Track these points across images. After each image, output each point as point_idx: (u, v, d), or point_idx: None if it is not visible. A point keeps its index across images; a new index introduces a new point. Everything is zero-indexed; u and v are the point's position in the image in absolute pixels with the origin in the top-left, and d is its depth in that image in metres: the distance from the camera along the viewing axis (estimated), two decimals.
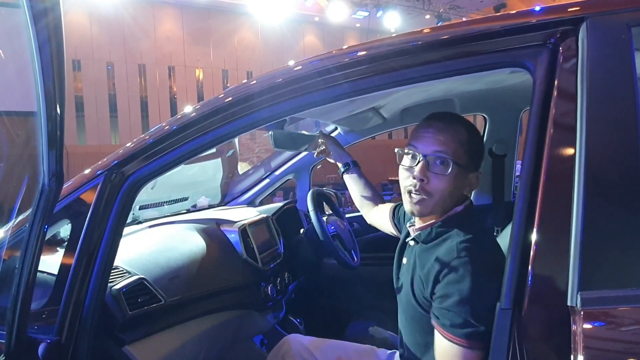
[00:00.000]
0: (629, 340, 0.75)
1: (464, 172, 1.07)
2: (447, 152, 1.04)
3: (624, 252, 0.76)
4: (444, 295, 0.98)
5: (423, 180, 1.05)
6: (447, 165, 1.03)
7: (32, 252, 0.90)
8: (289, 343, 1.47)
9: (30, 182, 0.98)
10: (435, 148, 1.04)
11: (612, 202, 0.78)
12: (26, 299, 0.93)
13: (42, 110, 0.78)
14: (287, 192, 7.92)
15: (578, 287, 0.74)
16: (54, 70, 0.76)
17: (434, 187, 1.05)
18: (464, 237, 1.02)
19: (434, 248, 1.07)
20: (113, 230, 1.11)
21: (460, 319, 0.95)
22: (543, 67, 0.87)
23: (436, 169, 1.04)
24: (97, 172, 1.14)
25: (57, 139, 0.81)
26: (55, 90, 0.77)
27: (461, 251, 0.99)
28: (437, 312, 1.00)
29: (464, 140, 1.05)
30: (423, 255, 1.09)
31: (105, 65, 13.89)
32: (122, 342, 1.20)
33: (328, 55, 1.06)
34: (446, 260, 1.00)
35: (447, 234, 1.06)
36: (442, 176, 1.04)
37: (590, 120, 0.79)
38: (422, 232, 1.11)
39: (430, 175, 1.05)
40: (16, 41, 0.95)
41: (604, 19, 0.84)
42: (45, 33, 0.73)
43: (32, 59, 0.76)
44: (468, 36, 0.93)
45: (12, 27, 0.97)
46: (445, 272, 0.99)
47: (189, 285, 1.44)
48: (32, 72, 0.78)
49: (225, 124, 1.07)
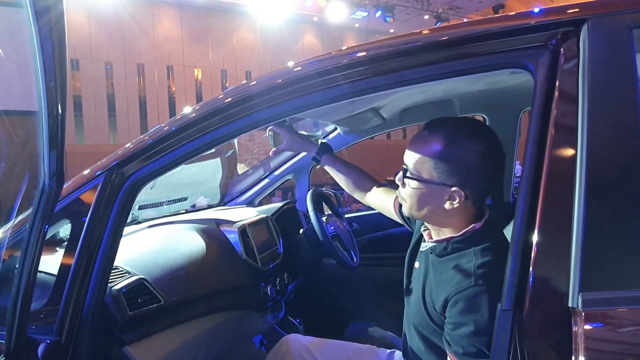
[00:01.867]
0: (629, 342, 0.75)
1: (432, 186, 1.03)
2: (408, 165, 1.06)
3: (625, 253, 0.76)
4: (459, 323, 0.96)
5: (399, 186, 1.12)
6: (409, 178, 1.06)
7: (32, 252, 0.90)
8: (288, 343, 1.47)
9: (30, 182, 0.98)
10: (404, 158, 1.08)
11: (613, 203, 0.78)
12: (26, 299, 0.93)
13: (44, 110, 0.78)
14: (285, 191, 7.92)
15: (579, 288, 0.74)
16: (55, 69, 0.75)
17: (402, 194, 1.10)
18: (483, 259, 0.98)
19: (450, 262, 1.04)
20: (113, 230, 1.11)
21: (474, 348, 0.93)
22: (544, 68, 0.87)
23: (404, 180, 1.08)
24: (97, 172, 1.14)
25: (58, 138, 0.81)
26: (57, 89, 0.77)
27: (479, 278, 0.95)
28: (449, 338, 0.98)
29: (432, 154, 1.02)
30: (438, 266, 1.07)
31: (104, 65, 13.87)
32: (122, 342, 1.20)
33: (328, 56, 1.06)
34: (462, 284, 0.97)
35: (464, 250, 1.03)
36: (407, 186, 1.08)
37: (592, 122, 0.79)
38: (438, 245, 1.08)
39: (403, 183, 1.09)
40: (16, 40, 0.95)
41: (606, 20, 0.84)
42: (47, 31, 0.73)
43: (33, 58, 0.76)
44: (469, 37, 0.93)
45: (12, 26, 0.97)
46: (459, 297, 0.96)
47: (188, 285, 1.44)
48: (32, 71, 0.78)
49: (226, 124, 1.07)
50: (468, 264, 0.99)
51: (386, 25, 14.55)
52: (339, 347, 1.44)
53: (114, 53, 13.89)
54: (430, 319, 1.06)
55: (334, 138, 2.25)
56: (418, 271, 1.16)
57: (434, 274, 1.07)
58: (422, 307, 1.08)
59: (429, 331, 1.08)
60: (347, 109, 1.73)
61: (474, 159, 1.00)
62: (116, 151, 1.17)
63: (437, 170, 1.01)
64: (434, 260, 1.09)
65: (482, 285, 0.94)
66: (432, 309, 1.05)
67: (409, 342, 1.19)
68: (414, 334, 1.14)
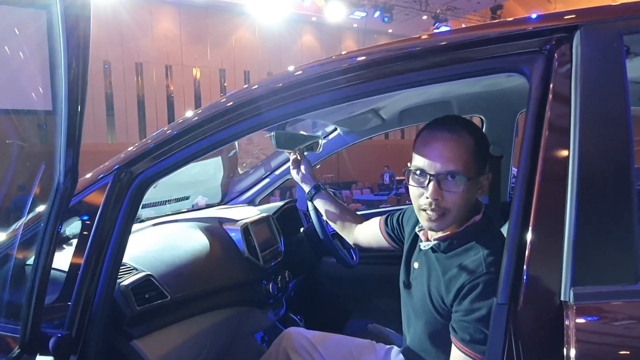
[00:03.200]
0: (618, 334, 0.79)
1: (476, 180, 1.06)
2: (458, 168, 1.02)
3: (614, 249, 0.79)
4: (470, 310, 0.98)
5: (437, 199, 1.04)
6: (460, 181, 1.03)
7: (46, 249, 0.93)
8: (290, 336, 1.49)
9: (42, 181, 1.01)
10: (445, 166, 1.03)
11: (603, 201, 0.81)
12: (40, 295, 0.95)
13: (64, 108, 0.79)
14: (284, 191, 7.93)
15: (571, 282, 0.77)
16: (79, 65, 0.77)
17: (450, 203, 1.04)
18: (490, 249, 1.02)
19: (457, 257, 1.07)
20: (122, 228, 1.14)
21: (481, 335, 0.96)
22: (539, 73, 0.90)
23: (449, 187, 1.03)
24: (106, 172, 1.17)
25: (76, 136, 0.83)
26: (79, 87, 0.78)
27: (490, 265, 0.99)
28: (457, 326, 1.01)
29: (471, 148, 1.04)
30: (445, 262, 1.09)
31: (102, 64, 13.86)
32: (130, 336, 1.23)
33: (331, 60, 1.10)
34: (473, 273, 1.00)
35: (469, 243, 1.06)
36: (457, 193, 1.03)
37: (584, 123, 0.83)
38: (442, 242, 1.10)
39: (444, 193, 1.04)
40: (30, 42, 0.97)
41: (597, 27, 0.88)
42: (73, 29, 0.74)
43: (52, 55, 0.77)
44: (467, 42, 0.97)
45: (26, 28, 0.99)
46: (472, 285, 0.99)
47: (193, 282, 1.48)
48: (50, 71, 0.80)
49: (233, 125, 1.10)
50: (477, 255, 1.03)
51: (384, 26, 14.60)
52: (340, 342, 1.47)
53: (113, 52, 13.87)
54: (438, 315, 1.08)
55: (334, 138, 2.28)
56: (419, 271, 1.18)
57: (441, 270, 1.09)
58: (430, 304, 1.10)
59: (436, 328, 1.10)
60: (347, 110, 1.76)
61: (487, 143, 1.10)
62: (125, 150, 1.20)
63: (476, 162, 1.06)
64: (439, 257, 1.11)
65: (493, 273, 0.98)
66: (439, 304, 1.07)
67: (410, 340, 1.21)
68: (417, 334, 1.17)
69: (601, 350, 0.78)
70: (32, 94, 1.04)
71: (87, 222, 1.16)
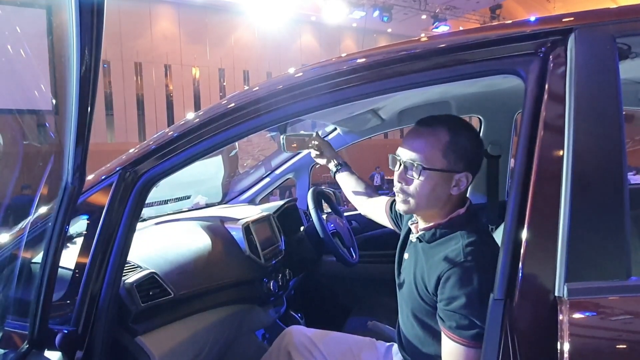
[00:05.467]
0: (611, 328, 0.81)
1: (443, 175, 1.11)
2: (419, 158, 1.11)
3: (607, 246, 0.82)
4: (451, 298, 1.02)
5: (401, 183, 1.15)
6: (418, 171, 1.11)
7: (54, 247, 0.95)
8: (291, 334, 1.51)
9: (49, 180, 1.03)
10: (409, 154, 1.13)
11: (597, 199, 0.83)
12: (48, 293, 0.97)
13: (74, 105, 0.80)
14: (283, 190, 7.95)
15: (565, 278, 0.80)
16: (92, 61, 0.78)
17: (411, 189, 1.14)
18: (469, 239, 1.07)
19: (439, 246, 1.12)
20: (127, 227, 1.16)
21: (466, 320, 0.99)
22: (534, 74, 0.92)
23: (411, 174, 1.13)
24: (112, 171, 1.19)
25: (85, 134, 0.84)
26: (90, 84, 0.79)
27: (468, 255, 1.04)
28: (442, 315, 1.05)
29: (442, 144, 1.10)
30: (428, 251, 1.14)
31: (101, 63, 13.84)
32: (134, 332, 1.25)
33: (332, 62, 1.12)
34: (453, 262, 1.04)
35: (451, 234, 1.12)
36: (416, 180, 1.12)
37: (578, 124, 0.85)
38: (426, 232, 1.17)
39: (407, 179, 1.14)
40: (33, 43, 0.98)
41: (591, 30, 0.90)
42: (87, 27, 0.76)
43: (65, 53, 0.78)
44: (465, 45, 0.99)
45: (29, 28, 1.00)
46: (450, 273, 1.03)
47: (196, 279, 1.50)
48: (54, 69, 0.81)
49: (236, 125, 1.12)
50: (456, 245, 1.08)
51: (384, 25, 14.62)
52: (341, 339, 1.50)
53: (112, 52, 13.89)
54: (423, 302, 1.13)
55: (334, 138, 2.30)
56: (408, 261, 1.23)
57: (425, 259, 1.14)
58: (415, 292, 1.15)
59: (422, 314, 1.15)
60: (347, 110, 1.79)
61: (472, 145, 1.13)
62: (130, 150, 1.22)
63: (447, 158, 1.10)
64: (424, 247, 1.17)
65: (471, 262, 1.03)
66: (424, 292, 1.12)
67: (403, 330, 1.25)
68: (408, 321, 1.21)
69: (594, 344, 0.80)
70: (33, 94, 1.05)
71: (92, 221, 1.18)
